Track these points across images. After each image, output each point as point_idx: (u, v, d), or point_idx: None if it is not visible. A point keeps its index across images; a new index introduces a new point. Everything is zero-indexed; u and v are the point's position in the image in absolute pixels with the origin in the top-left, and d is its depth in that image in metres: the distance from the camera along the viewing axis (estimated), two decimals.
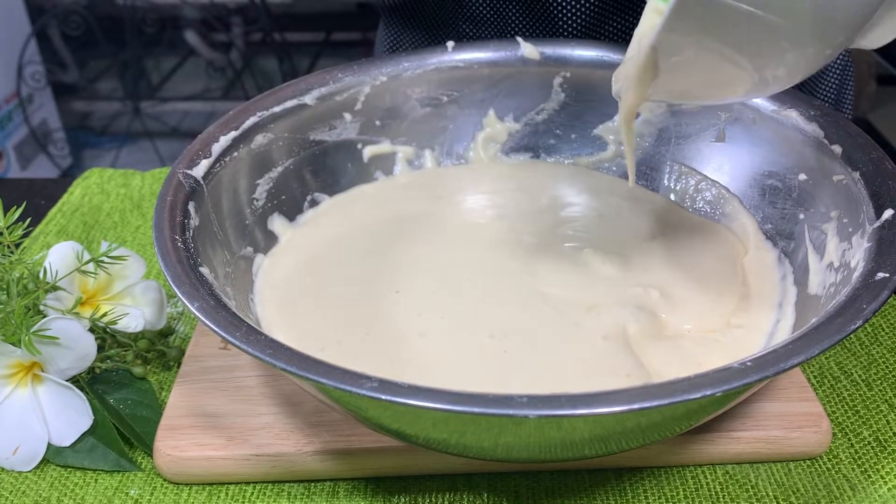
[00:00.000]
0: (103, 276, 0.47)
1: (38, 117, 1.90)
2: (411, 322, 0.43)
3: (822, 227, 0.43)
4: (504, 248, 0.49)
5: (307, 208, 0.52)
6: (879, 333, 0.49)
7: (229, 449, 0.41)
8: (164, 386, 0.48)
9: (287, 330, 0.43)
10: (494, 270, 0.47)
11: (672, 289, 0.45)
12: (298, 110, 0.50)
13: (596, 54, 0.53)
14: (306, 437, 0.41)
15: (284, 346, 0.33)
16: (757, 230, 0.48)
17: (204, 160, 0.45)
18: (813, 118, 0.45)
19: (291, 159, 0.50)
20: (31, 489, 0.42)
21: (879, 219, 0.38)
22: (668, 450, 0.41)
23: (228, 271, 0.43)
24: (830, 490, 0.40)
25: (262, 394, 0.44)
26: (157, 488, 0.42)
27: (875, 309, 0.33)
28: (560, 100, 0.55)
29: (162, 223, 0.40)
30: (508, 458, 0.39)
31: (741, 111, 0.49)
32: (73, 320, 0.43)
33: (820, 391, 0.46)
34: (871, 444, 0.42)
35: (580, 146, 0.55)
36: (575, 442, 0.34)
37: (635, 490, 0.41)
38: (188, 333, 0.51)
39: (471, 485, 0.41)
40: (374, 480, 0.42)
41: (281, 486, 0.42)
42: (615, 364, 0.40)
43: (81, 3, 1.92)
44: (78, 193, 0.65)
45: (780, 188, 0.47)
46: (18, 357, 0.43)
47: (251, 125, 0.48)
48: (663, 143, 0.53)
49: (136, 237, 0.61)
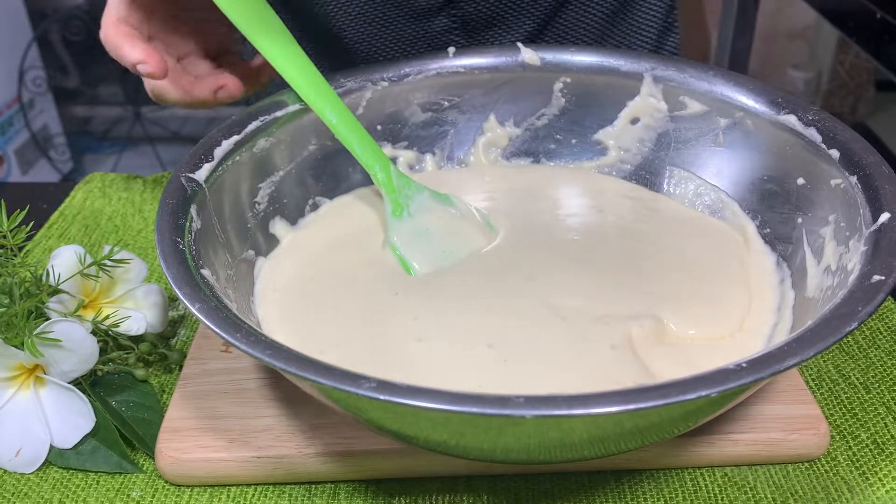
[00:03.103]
0: (105, 279, 0.47)
1: (39, 122, 1.91)
2: (409, 327, 0.43)
3: (819, 231, 0.44)
4: (504, 252, 0.49)
5: (308, 212, 0.52)
6: (877, 337, 0.49)
7: (230, 451, 0.41)
8: (165, 388, 0.48)
9: (287, 332, 0.43)
10: (494, 275, 0.47)
11: (678, 294, 0.45)
12: (300, 114, 0.50)
13: (596, 60, 0.53)
14: (307, 440, 0.42)
15: (284, 347, 0.33)
16: (756, 234, 0.48)
17: (206, 164, 0.45)
18: (811, 123, 0.45)
19: (293, 163, 0.51)
20: (33, 491, 0.42)
21: (876, 222, 0.39)
22: (666, 452, 0.41)
23: (230, 274, 0.44)
24: (829, 492, 0.40)
25: (263, 396, 0.44)
26: (158, 490, 0.42)
27: (870, 311, 0.33)
28: (560, 105, 0.55)
29: (164, 226, 0.40)
30: (508, 460, 0.39)
31: (740, 117, 0.49)
32: (75, 323, 0.43)
33: (818, 394, 0.46)
34: (869, 447, 0.43)
35: (581, 151, 0.56)
36: (573, 443, 0.35)
37: (634, 492, 0.41)
38: (190, 336, 0.51)
39: (471, 487, 0.42)
40: (374, 482, 0.42)
41: (282, 489, 0.42)
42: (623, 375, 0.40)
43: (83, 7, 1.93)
44: (80, 197, 0.65)
45: (778, 192, 0.47)
46: (21, 359, 0.43)
47: (253, 129, 0.48)
48: (662, 148, 0.53)
49: (138, 241, 0.61)
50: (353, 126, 0.49)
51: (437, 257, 0.49)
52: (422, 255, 0.49)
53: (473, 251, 0.49)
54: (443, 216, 0.51)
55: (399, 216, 0.50)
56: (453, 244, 0.50)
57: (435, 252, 0.49)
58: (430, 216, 0.50)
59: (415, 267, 0.48)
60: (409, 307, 0.45)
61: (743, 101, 0.49)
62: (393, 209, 0.50)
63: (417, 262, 0.48)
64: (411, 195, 0.50)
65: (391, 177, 0.50)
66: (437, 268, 0.48)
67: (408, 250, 0.49)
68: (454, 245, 0.50)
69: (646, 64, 0.52)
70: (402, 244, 0.49)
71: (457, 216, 0.51)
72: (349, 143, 0.49)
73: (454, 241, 0.50)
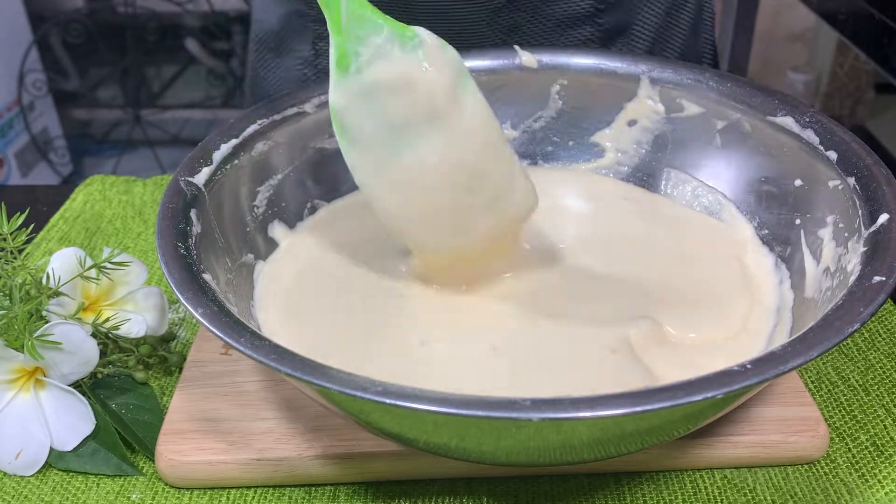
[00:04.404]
0: (105, 281, 0.47)
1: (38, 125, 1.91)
2: (412, 330, 0.43)
3: (818, 232, 0.44)
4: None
5: (307, 215, 0.52)
6: (876, 339, 0.50)
7: (230, 453, 0.41)
8: (165, 391, 0.48)
9: (288, 336, 0.43)
10: (494, 276, 0.47)
11: (677, 296, 0.45)
12: (298, 118, 0.50)
13: (593, 62, 0.54)
14: (307, 442, 0.42)
15: (290, 352, 0.33)
16: (754, 236, 0.48)
17: (205, 167, 0.45)
18: (808, 125, 0.46)
19: (291, 167, 0.51)
20: (34, 493, 0.42)
21: (875, 223, 0.39)
22: (666, 454, 0.41)
23: (230, 278, 0.44)
24: (828, 494, 0.40)
25: (263, 398, 0.44)
26: (158, 493, 0.42)
27: (872, 312, 0.33)
28: (557, 107, 0.55)
29: (164, 231, 0.40)
30: (509, 462, 0.39)
31: (737, 119, 0.49)
32: (75, 326, 0.43)
33: (817, 396, 0.46)
34: (869, 449, 0.43)
35: (578, 153, 0.56)
36: (576, 446, 0.35)
37: (634, 494, 0.41)
38: (190, 339, 0.52)
39: (471, 489, 0.42)
40: (374, 485, 0.42)
41: (282, 491, 0.42)
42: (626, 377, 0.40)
43: (83, 11, 1.93)
44: (80, 200, 0.65)
45: (776, 194, 0.48)
46: (21, 362, 0.43)
47: (252, 133, 0.48)
48: (659, 150, 0.53)
49: (138, 243, 0.61)
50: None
51: (386, 138, 0.38)
52: (367, 132, 0.38)
53: (435, 135, 0.38)
54: (404, 71, 0.38)
55: (344, 69, 0.37)
56: (412, 120, 0.38)
57: (383, 130, 0.38)
58: (386, 70, 0.38)
59: (351, 155, 0.37)
60: (410, 310, 0.45)
61: (739, 103, 0.49)
62: (338, 58, 0.37)
63: (358, 143, 0.37)
64: (363, 36, 0.37)
65: (340, 10, 0.37)
66: (382, 154, 0.37)
67: (350, 119, 0.38)
68: (413, 121, 0.37)
69: (643, 66, 0.52)
70: (344, 109, 0.38)
71: (425, 72, 0.37)
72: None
73: (413, 114, 0.37)
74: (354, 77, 0.37)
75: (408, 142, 0.38)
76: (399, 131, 0.38)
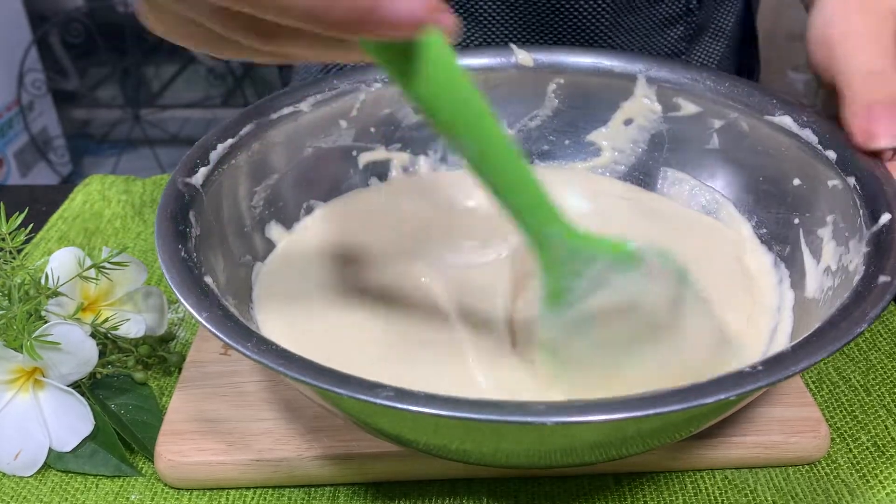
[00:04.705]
0: (105, 281, 0.47)
1: (38, 124, 1.91)
2: (411, 329, 0.43)
3: (817, 231, 0.44)
4: (504, 254, 0.49)
5: (303, 215, 0.52)
6: (877, 339, 0.49)
7: (230, 454, 0.41)
8: (164, 391, 0.48)
9: (288, 338, 0.43)
10: (494, 277, 0.47)
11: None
12: (294, 117, 0.50)
13: (590, 61, 0.53)
14: (307, 443, 0.42)
15: (296, 356, 0.33)
16: (752, 235, 0.48)
17: (202, 168, 0.45)
18: (806, 124, 0.45)
19: (288, 166, 0.51)
20: (32, 494, 0.42)
21: (877, 223, 0.39)
22: (667, 455, 0.41)
23: (229, 279, 0.44)
24: (829, 495, 0.40)
25: (262, 399, 0.44)
26: (157, 493, 0.42)
27: (879, 312, 0.33)
28: (554, 106, 0.55)
29: (164, 233, 0.40)
30: (510, 464, 0.39)
31: (735, 118, 0.49)
32: (74, 326, 0.43)
33: (818, 396, 0.46)
34: (870, 450, 0.43)
35: (574, 152, 0.56)
36: (578, 448, 0.35)
37: (634, 495, 0.41)
38: (189, 339, 0.51)
39: (470, 490, 0.42)
40: (374, 486, 0.42)
41: (281, 492, 0.42)
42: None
43: (82, 10, 1.93)
44: (79, 200, 0.65)
45: (774, 193, 0.47)
46: (20, 362, 0.43)
47: (248, 132, 0.48)
48: (656, 149, 0.53)
49: (138, 243, 0.61)
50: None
51: (604, 356, 0.35)
52: (582, 352, 0.35)
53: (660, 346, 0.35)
54: (626, 297, 0.34)
55: (555, 304, 0.34)
56: (636, 337, 0.35)
57: (601, 349, 0.35)
58: (607, 299, 0.34)
59: (563, 378, 0.35)
60: (410, 311, 0.45)
61: (737, 102, 0.49)
62: (549, 296, 0.34)
63: (570, 363, 0.35)
64: (579, 271, 0.33)
65: (553, 250, 0.33)
66: (599, 371, 0.35)
67: (562, 343, 0.35)
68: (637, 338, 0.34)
69: (639, 65, 0.52)
70: (555, 339, 0.35)
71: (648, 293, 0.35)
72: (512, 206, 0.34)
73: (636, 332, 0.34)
74: (568, 309, 0.34)
75: (629, 358, 0.35)
76: (620, 349, 0.35)
